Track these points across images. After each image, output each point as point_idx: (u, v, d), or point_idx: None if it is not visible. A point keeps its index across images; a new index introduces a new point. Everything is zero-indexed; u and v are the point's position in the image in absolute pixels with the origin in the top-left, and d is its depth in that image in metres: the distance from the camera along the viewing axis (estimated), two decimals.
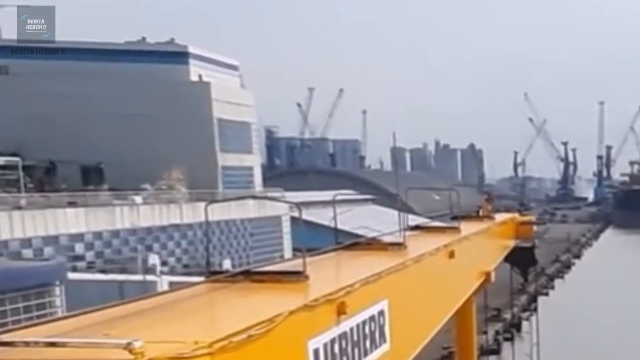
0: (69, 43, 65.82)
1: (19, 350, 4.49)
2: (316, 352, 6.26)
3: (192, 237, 57.41)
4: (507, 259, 19.45)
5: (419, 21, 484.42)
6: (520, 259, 20.70)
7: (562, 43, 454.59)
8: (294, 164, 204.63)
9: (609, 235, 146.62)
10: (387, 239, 10.39)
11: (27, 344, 4.52)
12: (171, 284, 36.97)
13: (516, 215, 22.49)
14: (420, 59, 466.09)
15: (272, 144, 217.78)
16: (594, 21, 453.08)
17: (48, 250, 44.88)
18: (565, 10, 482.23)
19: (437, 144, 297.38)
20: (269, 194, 68.98)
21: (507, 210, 38.18)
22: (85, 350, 4.35)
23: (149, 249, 52.43)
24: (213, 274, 7.50)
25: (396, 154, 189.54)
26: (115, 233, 51.13)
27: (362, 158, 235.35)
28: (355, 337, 7.07)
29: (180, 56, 70.37)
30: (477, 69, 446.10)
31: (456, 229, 12.95)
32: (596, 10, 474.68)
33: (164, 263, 51.50)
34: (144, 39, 74.10)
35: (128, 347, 4.21)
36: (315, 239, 9.72)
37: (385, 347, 7.86)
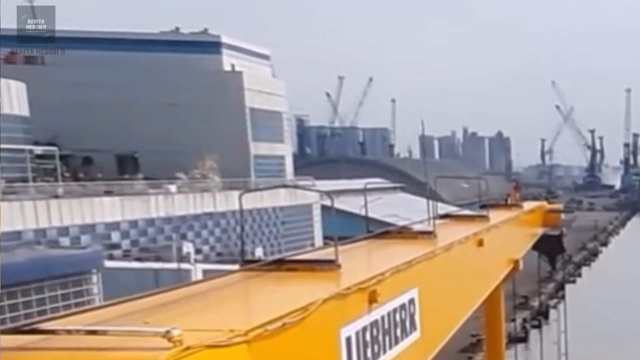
0: (104, 33, 66.68)
1: (60, 338, 4.59)
2: (348, 339, 6.35)
3: (225, 225, 57.84)
4: (535, 246, 19.38)
5: (447, 11, 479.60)
6: (548, 246, 20.60)
7: (588, 31, 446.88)
8: (324, 152, 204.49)
9: (636, 223, 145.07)
10: (417, 227, 10.41)
11: (68, 331, 4.63)
12: (205, 272, 37.35)
13: (544, 203, 22.32)
14: (448, 47, 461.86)
15: (303, 132, 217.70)
16: (621, 9, 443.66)
17: (85, 239, 45.61)
18: None
19: (465, 131, 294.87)
20: (300, 183, 69.16)
21: (535, 198, 37.91)
22: (125, 338, 4.46)
23: (184, 237, 52.97)
24: (247, 263, 7.61)
25: (424, 142, 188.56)
26: (150, 222, 51.76)
27: (392, 146, 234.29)
28: (386, 325, 7.14)
29: (213, 46, 70.68)
30: (505, 57, 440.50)
31: (485, 218, 12.91)
32: None
33: (198, 251, 52.02)
34: (177, 29, 74.54)
35: (167, 335, 4.29)
36: (346, 227, 9.81)
37: (415, 335, 7.93)
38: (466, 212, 14.46)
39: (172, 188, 55.56)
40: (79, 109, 60.95)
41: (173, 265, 42.67)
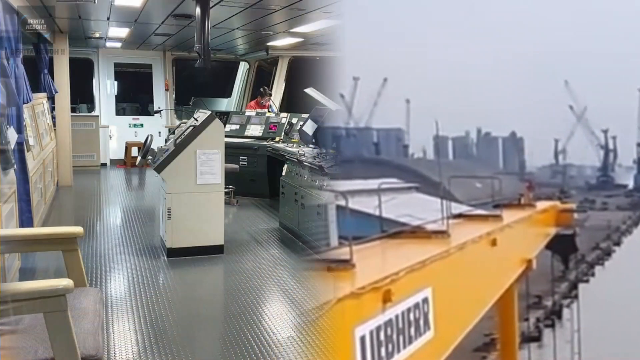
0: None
1: None
2: (362, 339, 6.38)
3: None
4: (548, 246, 19.28)
5: (458, 10, 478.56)
6: (561, 246, 20.47)
7: (600, 29, 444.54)
8: (339, 153, 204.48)
9: None
10: (431, 227, 10.42)
11: None
12: None
13: (557, 203, 22.20)
14: (460, 46, 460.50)
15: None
16: (633, 8, 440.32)
17: None
18: None
19: (479, 132, 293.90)
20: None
21: (548, 198, 37.59)
22: None
23: None
24: None
25: (439, 142, 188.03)
26: None
27: (406, 147, 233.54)
28: (400, 325, 7.13)
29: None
30: (517, 56, 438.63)
31: (498, 217, 12.88)
32: None
33: None
34: None
35: None
36: (361, 227, 9.81)
37: (429, 335, 7.93)
38: (479, 211, 14.45)
39: None
40: None
41: None
